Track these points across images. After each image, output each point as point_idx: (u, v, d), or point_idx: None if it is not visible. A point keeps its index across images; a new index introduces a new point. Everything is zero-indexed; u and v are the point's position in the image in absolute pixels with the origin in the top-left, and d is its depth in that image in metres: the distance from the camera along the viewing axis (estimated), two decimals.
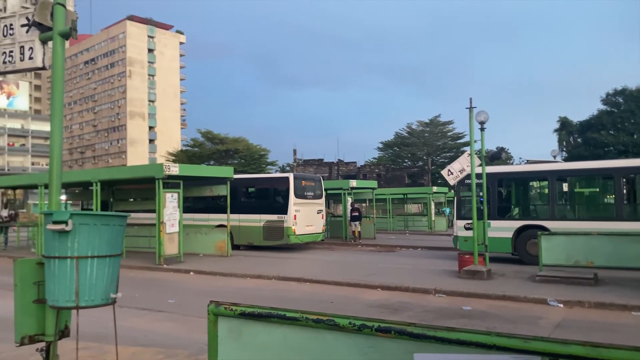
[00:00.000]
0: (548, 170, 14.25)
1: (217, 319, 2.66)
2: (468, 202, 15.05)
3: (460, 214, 15.29)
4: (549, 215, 13.79)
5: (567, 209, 14.69)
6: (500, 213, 14.59)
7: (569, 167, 14.83)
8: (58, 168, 3.92)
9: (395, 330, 2.10)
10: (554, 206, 13.92)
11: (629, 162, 14.07)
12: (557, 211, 13.97)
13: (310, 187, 19.68)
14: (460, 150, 60.23)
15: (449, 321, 7.78)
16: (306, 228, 18.81)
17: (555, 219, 13.65)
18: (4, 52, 4.06)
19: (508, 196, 15.46)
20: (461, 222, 14.92)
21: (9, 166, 79.44)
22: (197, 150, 67.48)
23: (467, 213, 15.15)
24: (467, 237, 14.36)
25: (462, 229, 14.70)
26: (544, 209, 14.31)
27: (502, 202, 15.01)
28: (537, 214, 14.71)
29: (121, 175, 17.69)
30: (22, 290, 3.80)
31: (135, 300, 9.21)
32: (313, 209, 19.45)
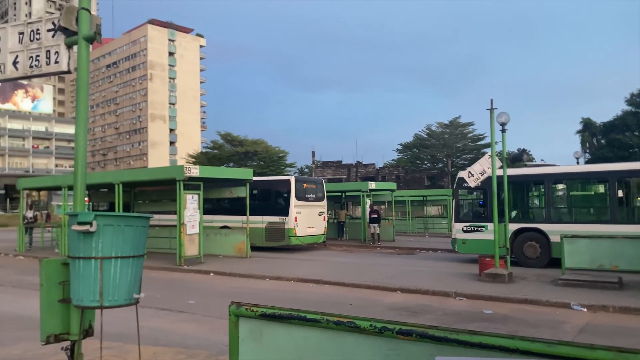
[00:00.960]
0: (544, 173, 14.37)
1: (238, 320, 2.68)
2: (466, 204, 15.68)
3: (458, 216, 15.49)
4: (545, 218, 13.93)
5: (563, 212, 14.82)
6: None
7: (564, 171, 14.91)
8: (83, 170, 4.00)
9: (417, 333, 2.09)
10: (549, 209, 14.10)
11: (623, 165, 14.11)
12: (553, 214, 14.13)
13: (311, 190, 19.99)
14: (481, 152, 59.61)
15: (470, 324, 7.71)
16: (307, 230, 19.10)
17: (551, 221, 13.80)
18: (30, 56, 4.15)
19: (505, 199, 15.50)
20: (459, 224, 15.18)
21: (34, 168, 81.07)
22: (217, 152, 67.99)
23: (465, 216, 15.50)
24: (465, 240, 14.88)
25: (461, 231, 15.00)
26: (540, 212, 14.50)
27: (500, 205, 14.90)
28: (534, 216, 14.88)
29: (143, 177, 17.92)
30: (47, 290, 3.87)
31: (156, 301, 9.32)
32: (314, 211, 19.75)
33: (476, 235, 14.79)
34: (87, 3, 3.92)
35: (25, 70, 4.17)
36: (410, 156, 69.50)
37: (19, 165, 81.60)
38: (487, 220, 14.35)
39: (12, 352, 6.23)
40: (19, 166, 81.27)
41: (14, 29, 4.28)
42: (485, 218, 14.69)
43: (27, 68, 4.15)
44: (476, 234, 14.79)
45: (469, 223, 15.05)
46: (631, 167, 13.65)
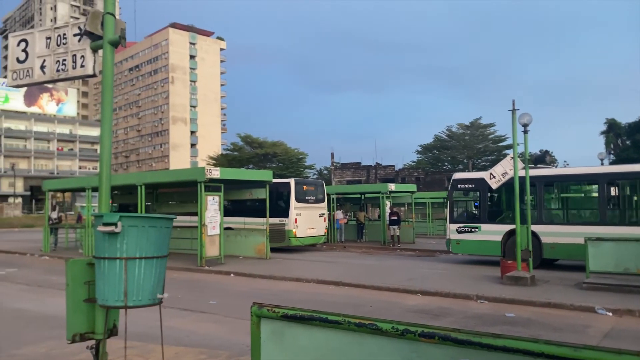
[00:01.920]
0: (536, 175, 14.27)
1: (260, 321, 2.70)
2: (461, 205, 15.87)
3: (452, 217, 15.63)
4: (536, 220, 13.89)
5: (554, 214, 14.97)
6: (491, 217, 15.06)
7: (555, 173, 15.08)
8: (107, 172, 4.07)
9: (439, 336, 2.07)
10: (541, 211, 14.25)
11: (612, 168, 14.31)
12: (544, 216, 14.27)
13: (311, 192, 20.28)
14: (502, 153, 58.97)
15: (491, 328, 7.62)
16: (307, 231, 19.39)
17: (542, 223, 13.93)
18: (57, 60, 4.25)
19: (498, 201, 15.80)
20: (453, 225, 15.38)
21: (58, 170, 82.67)
22: (237, 154, 68.46)
23: (459, 217, 15.68)
24: (459, 240, 15.19)
25: (455, 232, 15.26)
26: (532, 214, 14.26)
27: (493, 207, 15.48)
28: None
29: (165, 179, 18.14)
30: (73, 290, 3.95)
31: (178, 301, 9.42)
32: (315, 213, 20.03)
33: (470, 236, 15.05)
34: (112, 8, 3.99)
35: (53, 74, 4.27)
36: (431, 158, 69.09)
37: (44, 167, 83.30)
38: (480, 222, 14.86)
39: (39, 350, 6.35)
40: (44, 168, 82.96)
41: (42, 34, 4.38)
42: (479, 219, 15.11)
43: (54, 72, 4.25)
44: (470, 234, 15.05)
45: (463, 224, 15.32)
46: (620, 170, 13.86)
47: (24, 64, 4.39)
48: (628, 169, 13.78)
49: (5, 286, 12.19)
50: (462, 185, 15.69)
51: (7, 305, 9.69)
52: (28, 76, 4.37)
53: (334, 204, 24.24)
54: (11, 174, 72.52)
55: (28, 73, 4.38)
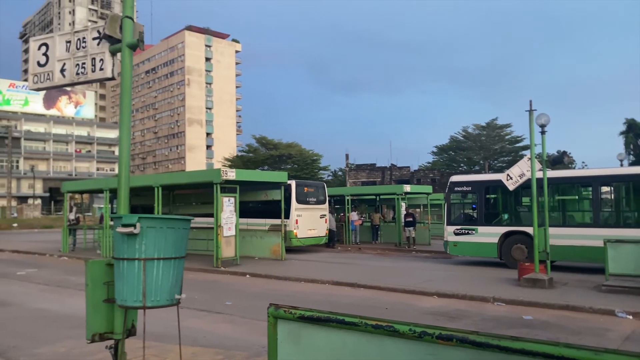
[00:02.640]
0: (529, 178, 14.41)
1: (277, 322, 2.70)
2: (457, 207, 16.12)
3: (450, 219, 15.87)
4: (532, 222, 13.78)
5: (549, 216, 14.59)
6: (487, 219, 15.25)
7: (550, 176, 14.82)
8: (126, 174, 4.12)
9: (457, 338, 2.06)
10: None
11: (606, 171, 14.26)
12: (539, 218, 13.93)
13: (312, 193, 20.53)
14: (519, 154, 58.37)
15: (509, 330, 7.55)
16: (308, 232, 19.61)
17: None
18: (77, 63, 4.32)
19: (494, 203, 16.00)
20: (451, 227, 15.65)
21: (76, 171, 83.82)
22: (252, 155, 68.76)
23: (456, 219, 15.87)
24: (456, 242, 15.45)
25: (452, 234, 15.54)
26: (527, 216, 14.58)
27: (489, 209, 15.68)
28: (521, 220, 15.06)
29: (181, 180, 18.29)
30: (92, 290, 4.00)
31: (194, 302, 9.49)
32: (316, 214, 20.27)
33: (467, 237, 15.29)
34: (131, 11, 4.04)
35: (72, 78, 4.34)
36: (446, 159, 68.63)
37: (62, 168, 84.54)
38: (477, 224, 15.12)
39: (58, 349, 6.45)
40: (63, 170, 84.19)
41: (62, 38, 4.45)
42: (476, 221, 15.31)
43: (74, 75, 4.32)
44: (467, 236, 15.30)
45: (460, 226, 15.52)
46: (613, 173, 13.98)
47: (44, 67, 4.47)
48: (620, 172, 14.09)
49: (26, 286, 12.39)
50: (459, 187, 15.94)
51: (28, 305, 9.84)
52: (49, 79, 4.45)
53: (348, 206, 24.21)
54: (31, 175, 73.73)
55: (48, 76, 4.46)
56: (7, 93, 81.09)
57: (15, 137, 72.31)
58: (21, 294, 11.19)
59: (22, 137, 79.27)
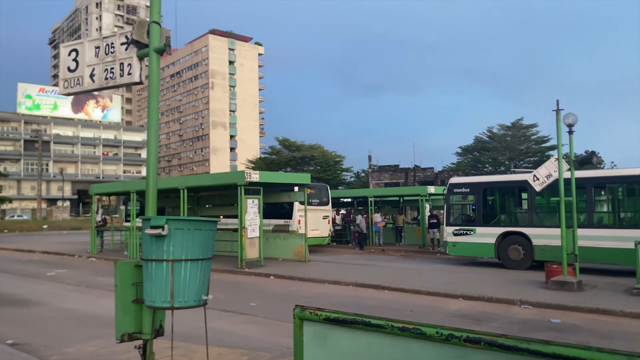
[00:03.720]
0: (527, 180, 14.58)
1: (303, 323, 2.71)
2: (457, 208, 16.35)
3: (449, 220, 16.09)
4: (527, 223, 14.58)
5: (544, 217, 15.24)
6: (485, 220, 15.53)
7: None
8: (154, 176, 4.19)
9: (485, 342, 2.03)
10: (532, 214, 14.73)
11: (598, 172, 14.79)
12: (535, 219, 14.70)
13: (315, 195, 20.94)
14: (545, 154, 57.34)
15: (537, 334, 7.42)
16: (311, 232, 19.66)
17: (533, 226, 14.44)
18: (105, 68, 4.41)
19: (492, 204, 16.31)
20: (450, 228, 15.93)
21: (104, 174, 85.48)
22: (275, 157, 69.08)
23: (455, 220, 16.06)
24: (455, 242, 15.76)
25: (451, 234, 15.84)
26: (523, 217, 15.10)
27: (487, 210, 15.96)
28: (518, 221, 15.41)
29: (206, 182, 18.49)
30: (122, 291, 4.07)
31: (219, 303, 9.57)
32: (319, 215, 20.72)
33: (465, 238, 15.58)
34: (158, 17, 4.11)
35: (101, 82, 4.43)
36: (471, 159, 67.81)
37: (90, 171, 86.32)
38: (475, 224, 15.41)
39: (87, 349, 6.58)
40: (90, 172, 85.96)
41: (91, 44, 4.55)
42: (474, 222, 15.58)
43: (103, 80, 4.41)
44: (465, 237, 15.58)
45: (459, 227, 15.78)
46: (605, 175, 14.53)
47: (74, 72, 4.58)
48: (613, 174, 14.47)
49: (56, 286, 12.68)
50: (459, 189, 16.17)
51: (58, 305, 10.06)
52: (78, 84, 4.56)
53: (371, 207, 24.13)
54: (60, 178, 75.45)
55: (78, 81, 4.56)
56: (37, 98, 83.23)
57: (45, 141, 74.12)
58: (51, 294, 11.45)
59: (52, 141, 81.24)
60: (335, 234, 27.09)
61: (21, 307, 9.84)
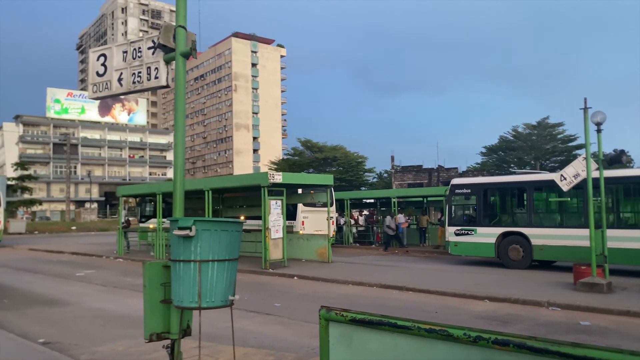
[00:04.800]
0: (526, 181, 15.50)
1: (329, 324, 2.72)
2: (458, 209, 16.62)
3: (451, 220, 16.40)
4: (526, 223, 14.86)
5: (542, 217, 15.51)
6: (485, 220, 15.83)
7: (543, 178, 15.81)
8: (181, 178, 4.25)
9: (514, 344, 2.01)
10: (531, 214, 14.98)
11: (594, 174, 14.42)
12: (534, 219, 14.94)
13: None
14: (572, 153, 56.26)
15: (565, 336, 7.28)
16: (315, 233, 19.93)
17: (532, 226, 14.69)
18: (133, 72, 4.50)
19: (492, 205, 16.57)
20: (452, 228, 16.25)
21: (130, 176, 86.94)
22: (297, 158, 69.31)
23: (457, 220, 16.36)
24: (456, 242, 16.05)
25: (453, 234, 16.14)
26: (522, 217, 15.37)
27: (487, 211, 16.22)
28: (517, 221, 15.61)
29: (230, 184, 18.65)
30: (150, 291, 4.14)
31: (244, 303, 9.64)
32: (322, 216, 20.68)
33: (466, 238, 15.88)
34: (184, 21, 4.18)
35: (129, 86, 4.52)
36: (496, 159, 66.92)
37: (117, 173, 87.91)
38: (476, 224, 15.72)
39: (116, 348, 6.70)
40: (117, 175, 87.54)
41: (119, 49, 4.65)
42: (475, 222, 15.88)
43: (131, 84, 4.50)
44: (466, 237, 15.88)
45: (460, 227, 16.07)
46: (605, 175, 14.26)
47: (103, 77, 4.68)
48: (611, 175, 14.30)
49: (85, 287, 12.94)
50: (460, 190, 16.45)
51: (87, 305, 10.27)
52: (107, 88, 4.66)
53: (395, 208, 24.01)
54: (87, 180, 76.99)
55: (107, 85, 4.66)
56: (65, 102, 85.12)
57: (73, 144, 75.75)
58: (80, 294, 11.70)
59: (80, 144, 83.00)
60: (358, 235, 27.07)
61: (52, 307, 10.08)
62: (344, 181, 60.13)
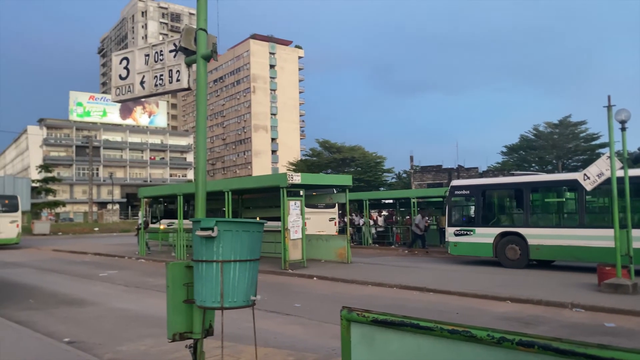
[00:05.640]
0: (522, 182, 15.92)
1: (350, 325, 2.72)
2: (457, 210, 16.86)
3: (450, 221, 16.70)
4: (523, 223, 15.17)
5: (538, 218, 15.72)
6: (484, 221, 16.13)
7: (540, 179, 16.48)
8: (203, 179, 4.30)
9: (539, 345, 1.98)
10: (527, 215, 15.26)
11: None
12: (530, 220, 15.21)
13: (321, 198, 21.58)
14: (596, 152, 55.32)
15: (590, 338, 7.15)
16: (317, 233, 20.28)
17: (528, 226, 14.99)
18: (155, 75, 4.56)
19: (490, 205, 16.92)
20: (451, 229, 16.56)
21: (151, 178, 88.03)
22: (316, 159, 69.43)
23: (456, 221, 16.67)
24: (456, 242, 16.37)
25: (452, 235, 16.47)
26: (519, 218, 15.71)
27: (485, 211, 16.52)
28: (514, 222, 15.97)
29: (250, 185, 18.76)
30: (173, 291, 4.19)
31: (264, 303, 9.68)
32: (325, 217, 21.74)
33: (466, 238, 16.21)
34: (204, 24, 4.22)
35: (151, 89, 4.58)
36: (517, 159, 66.12)
37: (138, 175, 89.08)
38: (474, 225, 16.07)
39: (139, 347, 6.80)
40: (138, 176, 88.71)
41: (141, 52, 4.72)
42: (473, 223, 16.20)
43: (153, 87, 4.56)
44: (466, 237, 16.21)
45: (460, 227, 16.41)
46: None
47: (125, 80, 4.75)
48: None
49: (108, 287, 13.14)
50: (459, 191, 16.82)
51: (110, 305, 10.43)
52: (129, 92, 4.73)
53: (414, 208, 23.86)
54: (109, 182, 78.19)
55: (129, 89, 4.74)
56: (88, 105, 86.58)
57: (95, 147, 76.99)
58: (103, 294, 11.88)
59: (102, 147, 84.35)
60: (378, 236, 26.97)
61: (76, 307, 10.25)
62: (363, 182, 60.04)
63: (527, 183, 15.67)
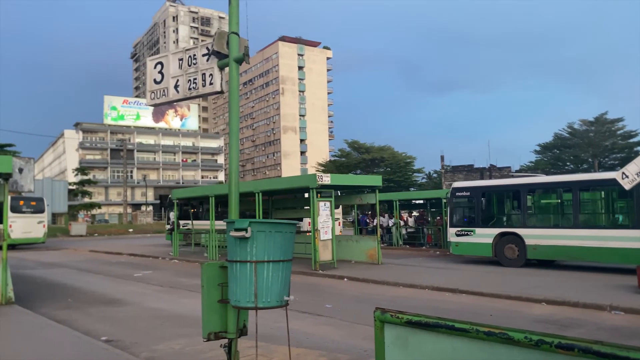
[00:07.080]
0: (520, 183, 16.24)
1: (384, 326, 2.71)
2: (458, 211, 17.28)
3: (452, 222, 17.20)
4: (521, 224, 15.58)
5: (535, 218, 16.11)
6: (483, 221, 16.56)
7: (537, 181, 16.64)
8: (236, 180, 4.35)
9: (579, 348, 1.94)
10: (525, 216, 15.72)
11: (584, 176, 15.86)
12: (528, 220, 15.63)
13: None
14: (634, 150, 53.64)
15: (630, 341, 6.93)
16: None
17: (526, 226, 15.41)
18: (189, 79, 4.64)
19: (489, 207, 17.29)
20: (453, 229, 17.03)
21: (183, 179, 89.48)
22: (344, 160, 69.32)
23: (457, 221, 17.11)
24: (457, 243, 16.89)
25: (454, 235, 16.95)
26: (517, 218, 16.08)
27: (485, 212, 16.96)
28: (512, 222, 16.30)
29: (280, 186, 18.87)
30: (208, 291, 4.25)
31: (295, 304, 9.72)
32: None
33: (466, 238, 16.70)
34: (236, 27, 4.28)
35: (185, 93, 4.67)
36: (551, 157, 64.65)
37: (170, 177, 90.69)
38: (475, 226, 16.52)
39: (173, 346, 6.92)
40: (171, 178, 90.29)
41: (174, 57, 4.81)
42: (474, 223, 16.64)
43: (187, 90, 4.65)
44: (466, 237, 16.69)
45: (461, 228, 16.87)
46: (590, 178, 15.44)
47: (160, 84, 4.85)
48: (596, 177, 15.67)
49: (143, 287, 13.41)
50: (460, 193, 17.34)
51: (145, 305, 10.64)
52: (164, 95, 4.83)
53: (445, 208, 23.57)
54: (143, 184, 79.80)
55: (164, 92, 4.83)
56: (122, 109, 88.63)
57: (129, 150, 78.74)
58: (138, 294, 12.12)
59: (135, 149, 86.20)
60: (408, 237, 26.76)
61: (113, 306, 10.50)
62: (392, 182, 59.68)
63: (524, 184, 16.10)
